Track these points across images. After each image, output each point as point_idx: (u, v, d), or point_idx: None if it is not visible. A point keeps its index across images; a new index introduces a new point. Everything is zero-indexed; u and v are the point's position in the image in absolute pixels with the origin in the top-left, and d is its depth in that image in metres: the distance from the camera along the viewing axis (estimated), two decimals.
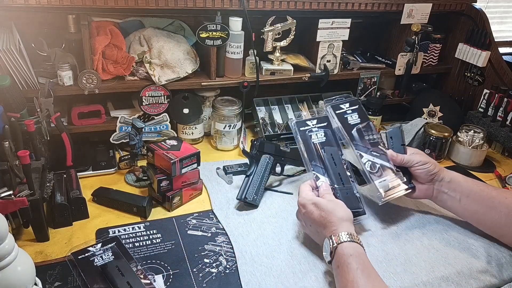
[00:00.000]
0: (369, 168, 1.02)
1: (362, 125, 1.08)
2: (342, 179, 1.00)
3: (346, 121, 1.09)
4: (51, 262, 0.87)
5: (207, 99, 1.40)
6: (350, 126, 1.08)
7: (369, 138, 1.07)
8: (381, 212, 1.10)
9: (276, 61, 1.42)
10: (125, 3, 1.14)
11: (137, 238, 0.96)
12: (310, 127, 1.08)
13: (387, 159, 1.04)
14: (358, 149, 1.05)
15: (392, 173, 1.03)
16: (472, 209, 0.99)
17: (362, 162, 1.03)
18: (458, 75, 1.67)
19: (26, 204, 0.86)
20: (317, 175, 1.00)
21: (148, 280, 0.82)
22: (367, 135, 1.07)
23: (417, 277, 0.89)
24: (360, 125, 1.08)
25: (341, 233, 0.84)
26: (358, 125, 1.08)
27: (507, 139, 1.41)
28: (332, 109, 1.10)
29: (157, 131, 1.32)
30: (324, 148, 1.04)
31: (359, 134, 1.07)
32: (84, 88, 1.19)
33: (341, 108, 1.11)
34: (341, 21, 1.40)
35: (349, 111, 1.10)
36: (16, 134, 0.98)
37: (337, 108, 1.11)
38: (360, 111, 1.11)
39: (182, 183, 1.09)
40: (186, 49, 1.32)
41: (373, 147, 1.06)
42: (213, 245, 0.95)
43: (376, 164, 1.03)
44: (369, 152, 1.05)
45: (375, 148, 1.06)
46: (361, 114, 1.11)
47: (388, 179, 1.01)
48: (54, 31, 1.23)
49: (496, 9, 2.19)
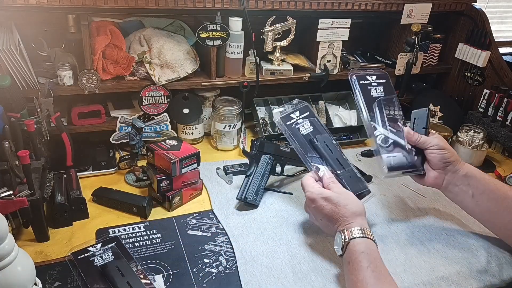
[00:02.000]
0: (380, 141, 0.99)
1: (384, 98, 1.04)
2: (341, 163, 0.98)
3: (369, 93, 1.04)
4: (51, 262, 0.87)
5: (207, 99, 1.40)
6: (372, 98, 1.04)
7: (389, 112, 1.03)
8: (381, 212, 1.10)
9: (276, 61, 1.42)
10: (125, 3, 1.14)
11: (137, 238, 0.96)
12: (295, 119, 1.05)
13: (403, 137, 1.00)
14: (373, 121, 1.02)
15: (404, 151, 0.99)
16: (485, 207, 0.95)
17: (374, 135, 1.00)
18: (458, 75, 1.66)
19: (26, 204, 0.86)
20: (317, 166, 0.97)
21: (148, 280, 0.82)
22: (388, 109, 1.03)
23: (417, 277, 0.89)
24: (382, 98, 1.04)
25: (354, 228, 0.83)
26: (379, 98, 1.04)
27: (507, 139, 1.41)
28: (357, 79, 1.05)
29: (157, 131, 1.32)
30: (316, 137, 1.01)
31: (379, 107, 1.03)
32: (84, 88, 1.19)
33: (366, 79, 1.06)
34: (341, 21, 1.40)
35: (375, 83, 1.06)
36: (16, 134, 0.98)
37: (363, 78, 1.06)
38: (387, 85, 1.07)
39: (182, 183, 1.09)
40: (186, 49, 1.32)
41: (391, 122, 1.02)
42: (213, 245, 0.95)
43: (389, 139, 1.00)
44: (385, 126, 1.01)
45: (393, 124, 1.02)
46: (387, 88, 1.06)
47: (398, 156, 0.98)
48: (54, 31, 1.23)
49: (496, 9, 2.19)
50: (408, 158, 0.99)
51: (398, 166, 0.98)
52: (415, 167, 0.99)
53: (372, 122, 1.01)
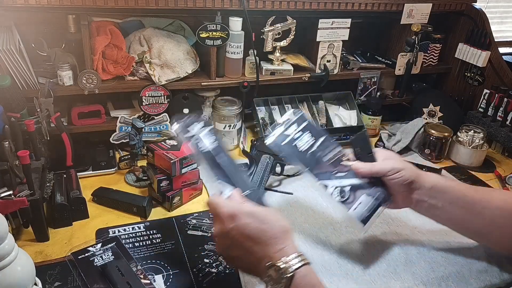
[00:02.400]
0: (338, 196, 0.85)
1: (317, 145, 0.89)
2: (247, 183, 0.81)
3: (296, 150, 0.88)
4: (51, 262, 0.87)
5: (207, 99, 1.40)
6: (302, 153, 0.88)
7: (328, 157, 0.88)
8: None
9: (276, 61, 1.42)
10: (125, 3, 1.14)
11: (137, 238, 0.96)
12: (194, 132, 0.84)
13: (353, 174, 0.88)
14: (321, 178, 0.86)
15: (364, 190, 0.87)
16: (457, 215, 0.89)
17: (328, 193, 0.85)
18: (458, 75, 1.66)
19: (26, 204, 0.86)
20: (224, 184, 0.78)
21: (148, 280, 0.82)
22: (324, 155, 0.88)
23: (417, 277, 0.89)
24: (314, 146, 0.89)
25: (292, 256, 0.65)
26: (311, 148, 0.88)
27: (507, 139, 1.41)
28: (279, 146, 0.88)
29: (157, 131, 1.32)
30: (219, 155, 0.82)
31: (316, 159, 0.88)
32: (84, 88, 1.19)
33: (287, 135, 0.89)
34: (341, 21, 1.40)
35: (298, 133, 0.90)
36: (16, 134, 0.98)
37: (285, 137, 0.88)
38: (312, 128, 0.91)
39: (182, 183, 1.09)
40: (186, 49, 1.32)
41: (335, 167, 0.87)
42: (213, 245, 0.95)
43: (345, 187, 0.86)
44: (333, 176, 0.87)
45: (338, 167, 0.88)
46: (314, 131, 0.91)
47: (363, 202, 0.85)
48: (54, 31, 1.23)
49: (496, 9, 2.19)
50: (372, 194, 0.87)
51: (369, 212, 0.85)
52: (384, 199, 0.88)
53: (320, 180, 0.86)
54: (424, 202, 0.89)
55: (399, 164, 0.87)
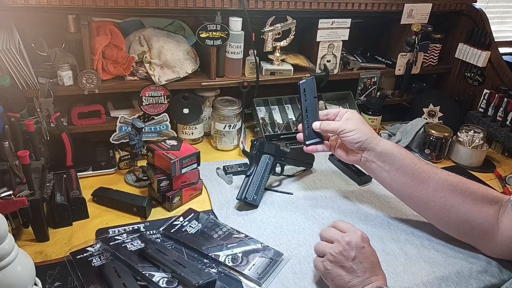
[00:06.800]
0: (231, 262, 0.88)
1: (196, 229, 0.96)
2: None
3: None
4: (51, 262, 0.87)
5: (207, 99, 1.40)
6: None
7: (217, 235, 0.96)
8: (381, 212, 1.10)
9: (276, 61, 1.42)
10: (125, 3, 1.14)
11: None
12: (121, 240, 0.89)
13: (245, 242, 0.94)
14: (212, 252, 0.90)
15: (258, 247, 0.93)
16: (401, 181, 0.97)
17: (222, 262, 0.88)
18: (458, 75, 1.66)
19: (26, 204, 0.86)
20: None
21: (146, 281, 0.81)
22: (212, 235, 0.96)
23: (417, 277, 0.89)
24: (192, 231, 0.95)
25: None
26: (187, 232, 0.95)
27: (507, 139, 1.41)
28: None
29: (157, 131, 1.32)
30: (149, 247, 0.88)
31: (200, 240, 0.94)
32: (84, 88, 1.19)
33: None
34: (341, 21, 1.40)
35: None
36: (16, 134, 0.98)
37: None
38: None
39: (182, 183, 1.08)
40: (186, 49, 1.32)
41: (225, 241, 0.94)
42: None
43: (237, 254, 0.91)
44: (224, 248, 0.92)
45: (227, 240, 0.94)
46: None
47: (251, 261, 0.89)
48: (54, 31, 1.23)
49: (496, 9, 2.19)
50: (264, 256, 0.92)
51: (264, 268, 0.88)
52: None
53: (211, 253, 0.91)
54: (372, 163, 0.99)
55: (354, 126, 0.97)
